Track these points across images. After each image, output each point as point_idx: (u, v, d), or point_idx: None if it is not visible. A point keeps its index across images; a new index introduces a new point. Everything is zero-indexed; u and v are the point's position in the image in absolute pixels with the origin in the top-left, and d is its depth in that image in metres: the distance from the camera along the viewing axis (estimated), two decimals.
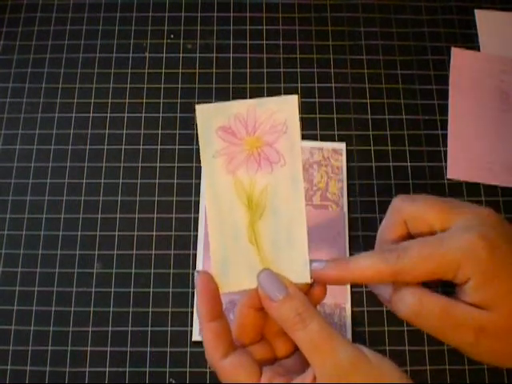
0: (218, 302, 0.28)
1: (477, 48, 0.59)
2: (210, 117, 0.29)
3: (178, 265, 0.51)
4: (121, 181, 0.54)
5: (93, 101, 0.57)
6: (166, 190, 0.53)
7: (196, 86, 0.57)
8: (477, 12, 0.61)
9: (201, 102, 0.29)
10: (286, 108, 0.29)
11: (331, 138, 0.55)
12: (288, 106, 0.29)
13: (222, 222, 0.29)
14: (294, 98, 0.29)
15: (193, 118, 0.56)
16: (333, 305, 0.49)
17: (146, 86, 0.57)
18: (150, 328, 0.49)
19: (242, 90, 0.57)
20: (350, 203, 0.53)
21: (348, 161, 0.54)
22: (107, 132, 0.55)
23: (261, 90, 0.57)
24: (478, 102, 0.57)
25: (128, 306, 0.49)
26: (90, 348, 0.48)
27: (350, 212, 0.52)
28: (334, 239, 0.51)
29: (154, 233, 0.52)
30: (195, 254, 0.51)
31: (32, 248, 0.51)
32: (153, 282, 0.50)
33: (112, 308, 0.49)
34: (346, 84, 0.58)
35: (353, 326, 0.49)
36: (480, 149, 0.55)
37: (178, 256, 0.51)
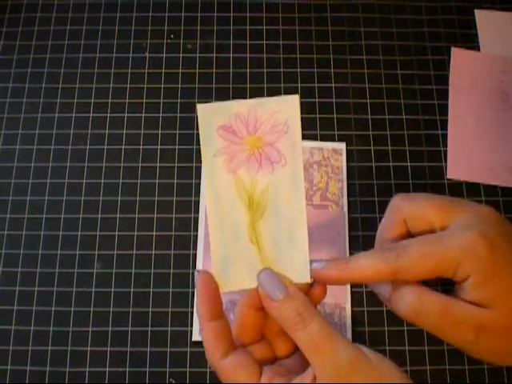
0: (218, 302, 0.28)
1: (477, 48, 0.60)
2: (211, 116, 0.29)
3: (177, 265, 0.51)
4: (121, 181, 0.54)
5: (93, 101, 0.57)
6: (166, 190, 0.53)
7: (196, 86, 0.57)
8: (477, 12, 0.61)
9: (201, 102, 0.29)
10: (287, 108, 0.29)
11: (331, 138, 0.55)
12: (289, 105, 0.29)
13: (222, 221, 0.29)
14: (295, 97, 0.29)
15: (193, 117, 0.56)
16: (333, 305, 0.49)
17: (145, 86, 0.57)
18: (149, 328, 0.49)
19: (242, 90, 0.57)
20: (349, 203, 0.53)
21: (348, 161, 0.54)
22: (107, 132, 0.55)
23: (261, 90, 0.57)
24: (478, 102, 0.57)
25: (128, 306, 0.49)
26: (90, 348, 0.48)
27: (350, 212, 0.53)
28: (333, 239, 0.51)
29: (154, 233, 0.52)
30: (195, 254, 0.51)
31: (32, 248, 0.51)
32: (153, 282, 0.50)
33: (112, 308, 0.49)
34: (346, 84, 0.58)
35: (353, 326, 0.49)
36: (480, 149, 0.55)
37: (177, 256, 0.51)
